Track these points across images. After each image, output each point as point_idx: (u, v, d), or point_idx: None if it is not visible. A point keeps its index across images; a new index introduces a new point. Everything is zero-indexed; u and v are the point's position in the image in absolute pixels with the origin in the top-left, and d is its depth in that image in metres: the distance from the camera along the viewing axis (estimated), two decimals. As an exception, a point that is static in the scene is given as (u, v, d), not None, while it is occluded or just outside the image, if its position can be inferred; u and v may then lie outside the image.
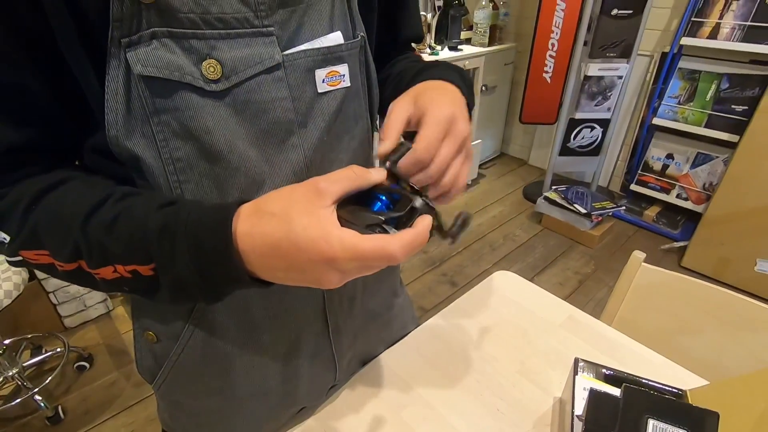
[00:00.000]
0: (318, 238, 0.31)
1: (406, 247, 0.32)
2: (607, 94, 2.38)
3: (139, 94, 0.35)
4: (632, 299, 0.91)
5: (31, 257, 0.38)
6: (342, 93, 0.45)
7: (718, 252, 2.10)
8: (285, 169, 0.43)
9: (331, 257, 0.31)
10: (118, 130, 0.36)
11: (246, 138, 0.39)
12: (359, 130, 0.50)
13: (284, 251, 0.32)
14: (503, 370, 0.66)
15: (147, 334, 0.50)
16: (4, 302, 1.22)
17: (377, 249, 0.31)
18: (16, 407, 1.47)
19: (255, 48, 0.38)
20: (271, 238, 0.32)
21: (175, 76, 0.35)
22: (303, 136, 0.43)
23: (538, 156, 3.21)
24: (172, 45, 0.34)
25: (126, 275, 0.36)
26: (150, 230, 0.34)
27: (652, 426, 0.45)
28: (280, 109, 0.40)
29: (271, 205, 0.33)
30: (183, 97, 0.36)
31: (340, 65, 0.44)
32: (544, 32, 2.34)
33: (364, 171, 0.36)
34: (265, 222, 0.32)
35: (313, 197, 0.32)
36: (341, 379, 0.63)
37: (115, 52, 0.33)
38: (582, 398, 0.53)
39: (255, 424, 0.58)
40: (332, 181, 0.33)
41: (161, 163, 0.38)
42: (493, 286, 0.83)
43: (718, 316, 0.82)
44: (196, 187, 0.40)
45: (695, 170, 2.36)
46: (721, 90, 2.15)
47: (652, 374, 0.57)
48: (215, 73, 0.36)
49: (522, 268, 2.22)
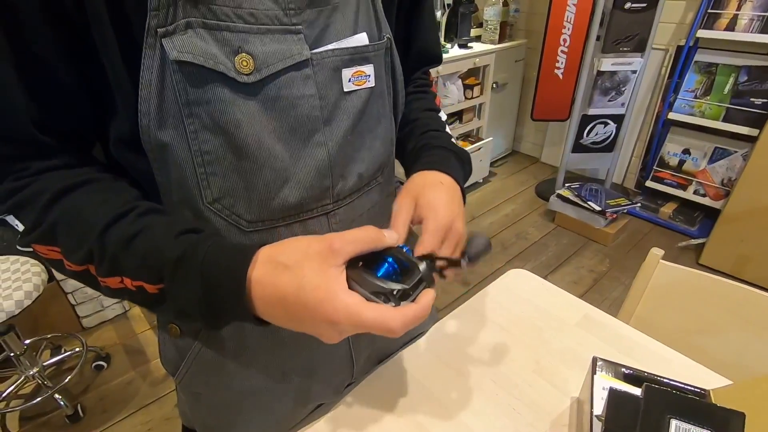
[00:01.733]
0: (325, 300, 0.33)
1: (407, 323, 0.34)
2: (620, 90, 2.34)
3: (174, 85, 0.36)
4: (650, 297, 0.89)
5: (42, 251, 0.39)
6: (367, 93, 0.46)
7: (738, 249, 2.05)
8: (309, 165, 0.43)
9: (334, 320, 0.33)
10: (150, 120, 0.37)
11: (273, 133, 0.40)
12: (382, 129, 0.51)
13: (291, 305, 0.34)
14: (519, 369, 0.65)
15: (171, 327, 0.51)
16: (25, 303, 1.25)
17: (378, 321, 0.33)
18: (37, 405, 1.50)
19: (284, 44, 0.39)
20: (281, 291, 0.34)
21: (209, 63, 0.36)
22: (327, 133, 0.44)
23: (551, 153, 3.17)
24: (206, 35, 0.35)
25: (131, 288, 0.37)
26: (166, 258, 0.36)
27: (675, 426, 0.44)
28: (307, 106, 0.41)
29: (287, 256, 0.35)
30: (215, 89, 0.37)
31: (366, 65, 0.45)
32: (556, 28, 2.32)
33: (379, 234, 0.38)
34: (278, 273, 0.34)
35: (327, 255, 0.34)
36: (358, 377, 0.63)
37: (152, 41, 0.34)
38: (601, 398, 0.52)
39: (272, 419, 0.58)
40: (347, 242, 0.35)
41: (190, 155, 0.39)
42: (507, 285, 0.82)
43: (739, 315, 0.80)
44: (223, 180, 0.41)
45: (713, 165, 2.31)
46: (740, 83, 2.10)
47: (673, 374, 0.56)
48: (248, 66, 0.37)
49: (535, 267, 2.19)
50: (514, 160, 3.30)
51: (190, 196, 0.41)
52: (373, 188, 0.53)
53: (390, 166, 0.56)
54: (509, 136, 3.28)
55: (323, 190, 0.46)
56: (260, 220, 0.44)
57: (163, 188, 0.42)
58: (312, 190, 0.45)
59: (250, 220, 0.43)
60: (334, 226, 0.49)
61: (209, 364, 0.52)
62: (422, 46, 0.61)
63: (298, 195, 0.44)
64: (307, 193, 0.44)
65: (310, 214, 0.46)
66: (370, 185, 0.52)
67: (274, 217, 0.44)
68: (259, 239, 0.45)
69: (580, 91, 2.36)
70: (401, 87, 0.53)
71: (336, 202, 0.48)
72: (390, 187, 0.58)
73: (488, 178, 3.00)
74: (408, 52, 0.59)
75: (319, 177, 0.44)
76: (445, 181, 0.51)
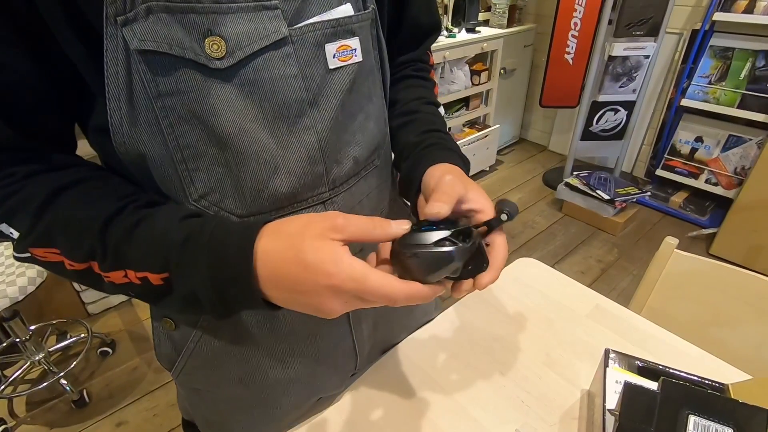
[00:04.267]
0: (327, 261, 0.31)
1: (410, 297, 0.33)
2: (632, 75, 2.28)
3: (141, 76, 0.33)
4: (663, 288, 0.86)
5: (40, 254, 0.37)
6: (354, 69, 0.43)
7: (750, 239, 2.01)
8: (299, 152, 0.41)
9: (336, 285, 0.31)
10: (122, 117, 0.35)
11: (256, 120, 0.38)
12: (374, 108, 0.48)
13: (293, 270, 0.32)
14: (528, 361, 0.64)
15: (165, 320, 0.49)
16: (29, 289, 1.25)
17: (384, 288, 0.32)
18: (44, 391, 1.51)
19: (259, 23, 0.35)
20: (283, 254, 0.32)
21: (175, 51, 0.33)
22: (315, 116, 0.41)
23: (559, 141, 3.12)
24: (170, 20, 0.32)
25: (135, 281, 0.36)
26: (171, 240, 0.34)
27: (694, 423, 0.42)
28: (290, 88, 0.38)
29: (290, 226, 0.34)
30: (186, 76, 0.34)
31: (351, 39, 0.41)
32: (567, 11, 2.25)
33: (385, 223, 0.35)
34: (281, 239, 0.33)
35: (328, 228, 0.33)
36: (361, 367, 0.62)
37: (112, 31, 0.32)
38: (614, 391, 0.50)
39: (275, 413, 0.57)
40: (351, 221, 0.33)
41: (169, 151, 0.36)
42: (516, 274, 0.80)
43: (756, 306, 0.78)
44: (208, 176, 0.38)
45: (726, 153, 2.25)
46: (757, 68, 2.04)
47: (688, 367, 0.54)
48: (219, 50, 0.34)
49: (542, 256, 2.17)
50: (521, 147, 3.25)
51: (175, 196, 0.39)
52: (371, 172, 0.50)
53: (386, 148, 0.53)
54: (517, 124, 3.23)
55: (316, 177, 0.43)
56: (251, 214, 0.41)
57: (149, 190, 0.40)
58: (304, 178, 0.42)
59: (241, 215, 0.41)
60: None
61: (208, 359, 0.50)
62: (415, 13, 0.56)
63: (289, 184, 0.41)
64: (300, 181, 0.42)
65: (305, 204, 0.44)
66: (368, 169, 0.49)
67: (265, 210, 0.42)
68: None
69: (590, 76, 2.30)
70: (387, 63, 0.49)
71: (333, 189, 0.45)
72: (388, 170, 0.55)
73: (495, 166, 2.96)
74: (400, 25, 0.55)
75: (311, 163, 0.42)
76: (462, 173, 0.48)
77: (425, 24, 0.58)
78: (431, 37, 0.61)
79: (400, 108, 0.56)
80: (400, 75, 0.59)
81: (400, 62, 0.60)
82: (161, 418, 1.45)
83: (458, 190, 0.40)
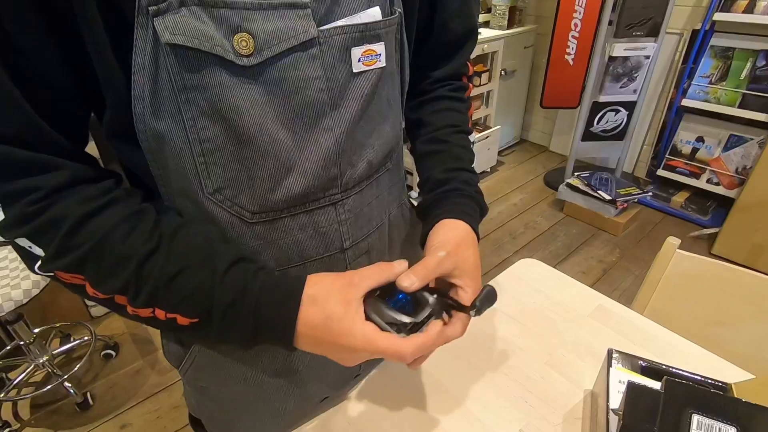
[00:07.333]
0: (346, 332, 0.38)
1: (416, 351, 0.39)
2: (633, 76, 2.28)
3: (168, 68, 0.33)
4: (665, 288, 0.86)
5: (65, 278, 0.37)
6: (377, 74, 0.43)
7: (752, 239, 2.01)
8: (316, 154, 0.41)
9: (353, 347, 0.38)
10: (144, 107, 0.35)
11: (276, 120, 0.38)
12: (392, 112, 0.48)
13: (319, 334, 0.39)
14: (530, 361, 0.64)
15: None
16: (33, 292, 1.25)
17: (391, 349, 0.38)
18: (48, 393, 1.52)
19: (289, 21, 0.35)
20: (312, 322, 0.39)
21: (205, 46, 0.33)
22: (335, 118, 0.41)
23: (560, 142, 3.12)
24: (202, 14, 0.32)
25: (161, 318, 0.38)
26: (217, 301, 0.37)
27: (697, 422, 0.42)
28: (312, 90, 0.38)
29: (317, 291, 0.40)
30: (213, 73, 0.34)
31: (376, 44, 0.41)
32: (567, 12, 2.25)
33: (390, 266, 0.42)
34: (314, 307, 0.39)
35: (348, 289, 0.39)
36: (365, 368, 0.62)
37: (143, 21, 0.32)
38: (617, 391, 0.51)
39: (280, 413, 0.57)
40: (364, 277, 0.40)
41: (188, 144, 0.37)
42: (518, 275, 0.80)
43: (759, 306, 0.78)
44: (224, 170, 0.39)
45: (727, 153, 2.25)
46: (758, 68, 2.04)
47: (691, 366, 0.54)
48: (247, 47, 0.34)
49: (544, 257, 2.17)
50: (522, 148, 3.25)
51: (189, 187, 0.39)
52: (382, 175, 0.50)
53: (399, 151, 0.53)
54: (518, 125, 3.23)
55: (330, 179, 0.43)
56: (264, 211, 0.42)
57: (161, 180, 0.40)
58: (318, 180, 0.42)
59: (254, 212, 0.42)
60: (341, 216, 0.47)
61: (215, 357, 0.50)
62: (446, 17, 0.52)
63: (303, 184, 0.42)
64: (313, 182, 0.42)
65: (316, 203, 0.44)
66: (380, 172, 0.50)
67: (278, 208, 0.42)
68: (263, 230, 0.43)
69: (591, 77, 2.30)
70: (407, 68, 0.49)
71: (344, 192, 0.46)
72: (399, 173, 0.56)
73: (496, 167, 2.96)
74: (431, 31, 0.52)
75: (326, 165, 0.42)
76: (468, 234, 0.50)
77: (458, 30, 0.54)
78: (466, 45, 0.57)
79: (432, 133, 0.56)
80: (434, 95, 0.58)
81: (436, 79, 0.58)
82: (165, 420, 1.45)
83: (444, 268, 0.44)
